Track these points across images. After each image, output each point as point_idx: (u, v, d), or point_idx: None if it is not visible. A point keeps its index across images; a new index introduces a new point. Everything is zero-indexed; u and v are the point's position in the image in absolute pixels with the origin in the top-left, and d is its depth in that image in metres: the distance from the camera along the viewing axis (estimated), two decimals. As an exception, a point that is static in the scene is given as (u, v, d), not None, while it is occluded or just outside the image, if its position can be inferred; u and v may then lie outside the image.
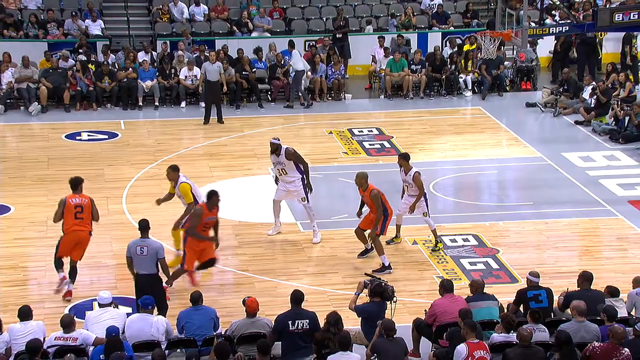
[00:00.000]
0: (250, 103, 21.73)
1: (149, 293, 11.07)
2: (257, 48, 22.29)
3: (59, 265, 12.33)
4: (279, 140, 13.99)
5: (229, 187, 16.26)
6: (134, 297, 11.31)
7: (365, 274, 11.15)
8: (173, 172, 13.14)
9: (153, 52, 22.45)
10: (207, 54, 20.96)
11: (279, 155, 13.89)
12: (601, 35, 22.95)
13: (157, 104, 21.44)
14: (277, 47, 22.35)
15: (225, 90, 21.00)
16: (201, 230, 12.25)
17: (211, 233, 12.45)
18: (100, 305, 10.41)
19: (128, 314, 10.58)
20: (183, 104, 21.55)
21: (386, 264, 13.07)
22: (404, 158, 13.67)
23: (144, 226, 11.51)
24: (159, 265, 11.36)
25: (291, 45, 21.93)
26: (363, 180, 13.06)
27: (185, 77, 21.53)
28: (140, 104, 21.38)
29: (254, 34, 23.57)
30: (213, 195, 12.32)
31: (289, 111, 21.25)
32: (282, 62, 21.73)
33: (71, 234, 12.22)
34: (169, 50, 22.37)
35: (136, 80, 21.40)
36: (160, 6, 23.75)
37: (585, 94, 20.69)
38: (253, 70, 21.79)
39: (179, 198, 13.17)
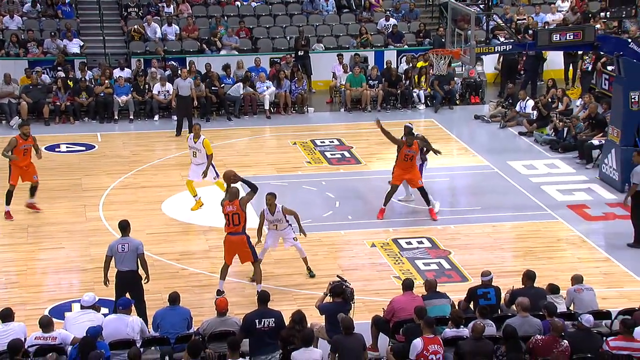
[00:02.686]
0: (219, 116, 21.72)
1: (130, 289, 11.07)
2: (225, 65, 22.28)
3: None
4: (412, 125, 15.90)
5: (200, 195, 16.20)
6: (112, 298, 11.23)
7: (337, 275, 11.12)
8: (201, 128, 15.66)
9: (127, 69, 22.32)
10: (180, 71, 20.91)
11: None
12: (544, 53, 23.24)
13: (131, 117, 21.33)
14: (244, 64, 22.39)
15: (196, 105, 20.96)
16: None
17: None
18: (82, 307, 10.28)
19: (105, 314, 10.51)
20: (156, 117, 21.45)
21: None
22: (273, 196, 12.90)
23: (124, 226, 11.46)
24: (139, 262, 11.27)
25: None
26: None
27: (158, 92, 21.44)
28: (116, 117, 21.26)
29: (222, 52, 23.54)
30: None
31: (256, 123, 21.26)
32: (250, 78, 21.81)
33: (21, 169, 15.33)
34: (142, 68, 22.28)
35: (112, 95, 21.28)
36: (135, 27, 23.63)
37: (528, 109, 20.95)
38: (222, 85, 21.78)
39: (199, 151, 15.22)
